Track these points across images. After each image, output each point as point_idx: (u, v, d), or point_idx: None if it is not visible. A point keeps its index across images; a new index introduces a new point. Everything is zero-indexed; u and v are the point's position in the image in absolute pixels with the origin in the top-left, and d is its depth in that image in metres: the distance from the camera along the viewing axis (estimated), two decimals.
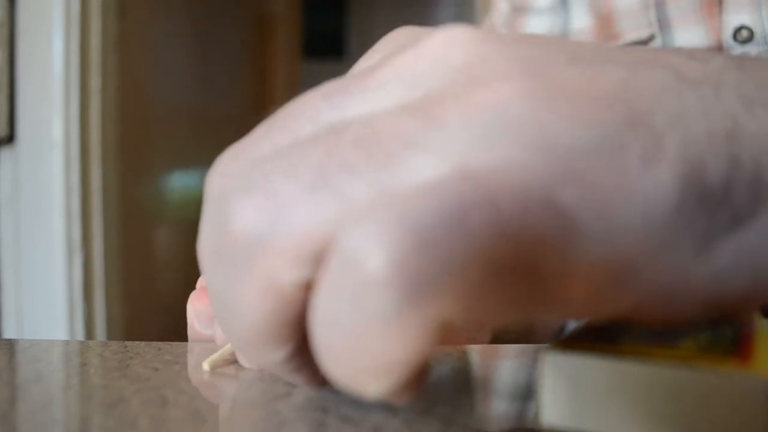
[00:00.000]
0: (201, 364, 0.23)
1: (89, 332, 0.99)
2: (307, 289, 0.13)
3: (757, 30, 0.36)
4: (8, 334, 0.97)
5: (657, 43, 0.42)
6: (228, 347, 0.23)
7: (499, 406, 0.19)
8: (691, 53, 0.14)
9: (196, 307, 0.26)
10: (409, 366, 0.12)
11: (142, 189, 1.33)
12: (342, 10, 3.61)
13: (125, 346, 0.25)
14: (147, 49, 1.33)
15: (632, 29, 0.43)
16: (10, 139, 0.95)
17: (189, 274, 0.28)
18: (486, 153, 0.12)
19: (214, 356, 0.22)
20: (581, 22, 0.48)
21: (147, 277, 1.31)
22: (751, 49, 0.36)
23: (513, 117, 0.12)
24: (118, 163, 1.08)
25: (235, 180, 0.14)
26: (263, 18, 2.25)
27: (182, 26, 1.59)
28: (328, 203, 0.12)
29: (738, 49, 0.37)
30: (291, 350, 0.15)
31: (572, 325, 0.40)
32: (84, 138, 0.98)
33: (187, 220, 1.65)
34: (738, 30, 0.37)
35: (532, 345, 0.27)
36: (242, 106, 2.11)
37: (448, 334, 0.12)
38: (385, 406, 0.18)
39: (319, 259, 0.13)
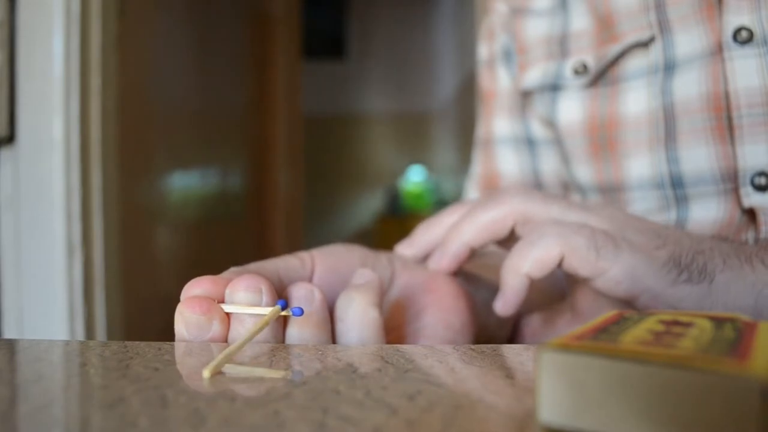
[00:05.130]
0: (201, 365, 0.23)
1: (89, 332, 0.99)
2: None
3: (756, 31, 0.36)
4: (8, 334, 0.97)
5: (657, 44, 0.42)
6: (227, 350, 0.23)
7: (498, 406, 0.19)
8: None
9: (185, 316, 0.26)
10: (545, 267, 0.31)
11: (142, 189, 1.33)
12: (342, 10, 3.61)
13: (125, 346, 0.25)
14: (147, 49, 1.33)
15: (632, 30, 0.43)
16: (10, 139, 0.95)
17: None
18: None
19: (213, 363, 0.21)
20: (581, 23, 0.48)
21: (147, 277, 1.31)
22: (751, 50, 0.36)
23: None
24: (118, 163, 1.08)
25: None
26: (263, 18, 2.25)
27: (182, 26, 1.59)
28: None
29: (738, 50, 0.37)
30: (482, 243, 0.35)
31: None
32: (84, 138, 0.98)
33: (187, 220, 1.65)
34: (738, 31, 0.37)
35: (531, 344, 0.27)
36: (242, 106, 2.11)
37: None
38: (385, 406, 0.18)
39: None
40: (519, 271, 0.31)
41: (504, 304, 0.32)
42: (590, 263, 0.30)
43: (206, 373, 0.21)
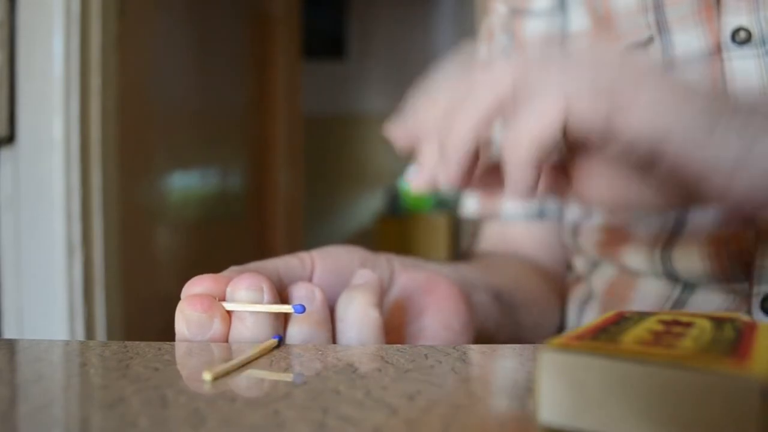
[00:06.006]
0: (201, 365, 0.23)
1: (89, 332, 0.99)
2: None
3: (755, 31, 0.36)
4: (8, 334, 0.97)
5: (656, 45, 0.42)
6: (234, 362, 0.22)
7: (498, 406, 0.19)
8: None
9: (186, 314, 0.26)
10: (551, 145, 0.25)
11: (142, 189, 1.33)
12: (342, 10, 3.61)
13: (125, 346, 0.25)
14: (147, 49, 1.33)
15: (631, 31, 0.43)
16: (10, 139, 0.95)
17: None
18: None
19: (218, 369, 0.21)
20: (580, 24, 0.48)
21: (147, 277, 1.31)
22: (749, 51, 0.36)
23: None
24: (118, 163, 1.08)
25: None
26: (263, 18, 2.25)
27: (182, 26, 1.59)
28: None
29: (736, 51, 0.37)
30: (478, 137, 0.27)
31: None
32: (84, 138, 0.98)
33: (187, 220, 1.65)
34: (736, 31, 0.37)
35: (531, 345, 0.27)
36: (242, 106, 2.11)
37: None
38: (385, 406, 0.18)
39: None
40: (521, 158, 0.26)
41: (516, 194, 0.27)
42: (599, 112, 0.24)
43: (207, 377, 0.21)
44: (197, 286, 0.27)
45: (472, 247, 0.58)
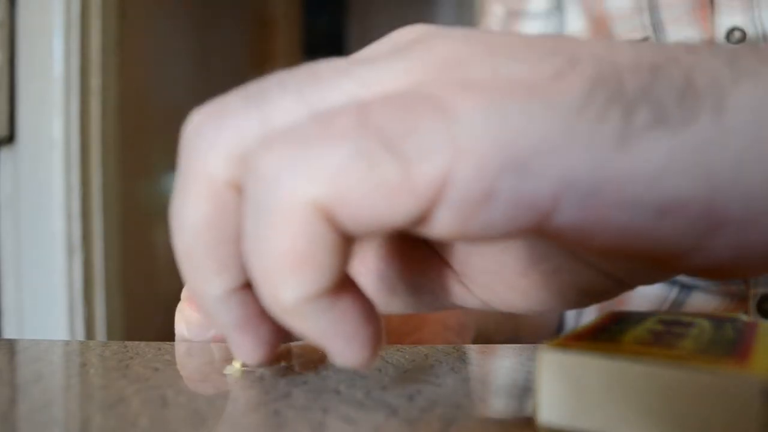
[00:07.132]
0: (201, 365, 0.23)
1: (89, 332, 0.99)
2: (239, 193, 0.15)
3: (749, 31, 0.36)
4: (8, 334, 0.97)
5: None
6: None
7: (498, 406, 0.19)
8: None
9: (186, 315, 0.26)
10: (323, 268, 0.13)
11: (142, 189, 1.33)
12: (342, 10, 3.61)
13: (125, 346, 0.25)
14: (147, 49, 1.33)
15: (626, 32, 0.43)
16: (10, 139, 0.95)
17: None
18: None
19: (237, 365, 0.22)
20: (576, 25, 0.48)
21: (147, 277, 1.31)
22: None
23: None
24: (118, 163, 1.08)
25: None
26: (263, 18, 2.25)
27: (182, 26, 1.59)
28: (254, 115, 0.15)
29: None
30: (231, 280, 0.16)
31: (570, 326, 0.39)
32: (84, 138, 0.98)
33: None
34: (731, 31, 0.37)
35: (531, 345, 0.27)
36: None
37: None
38: (385, 406, 0.18)
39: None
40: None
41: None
42: (386, 199, 0.13)
43: (231, 369, 0.21)
44: None
45: None
